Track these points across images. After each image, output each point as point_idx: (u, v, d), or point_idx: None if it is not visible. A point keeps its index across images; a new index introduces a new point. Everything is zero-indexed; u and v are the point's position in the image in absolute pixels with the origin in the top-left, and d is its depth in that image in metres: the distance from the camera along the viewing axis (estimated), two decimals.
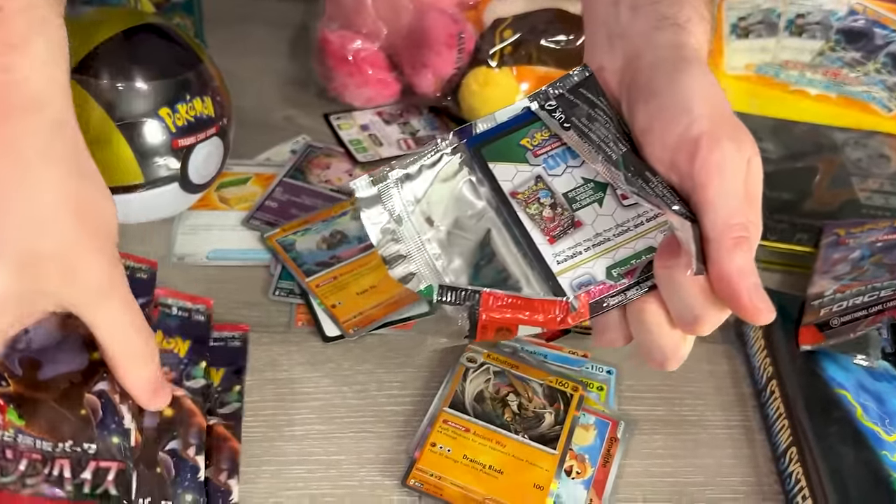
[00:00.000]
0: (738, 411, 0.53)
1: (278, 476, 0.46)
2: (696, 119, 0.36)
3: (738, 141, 0.37)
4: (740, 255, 0.35)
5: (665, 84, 0.38)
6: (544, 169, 0.40)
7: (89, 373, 0.43)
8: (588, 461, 0.48)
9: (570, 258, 0.39)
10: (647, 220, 0.40)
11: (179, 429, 0.45)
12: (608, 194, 0.40)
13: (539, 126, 0.41)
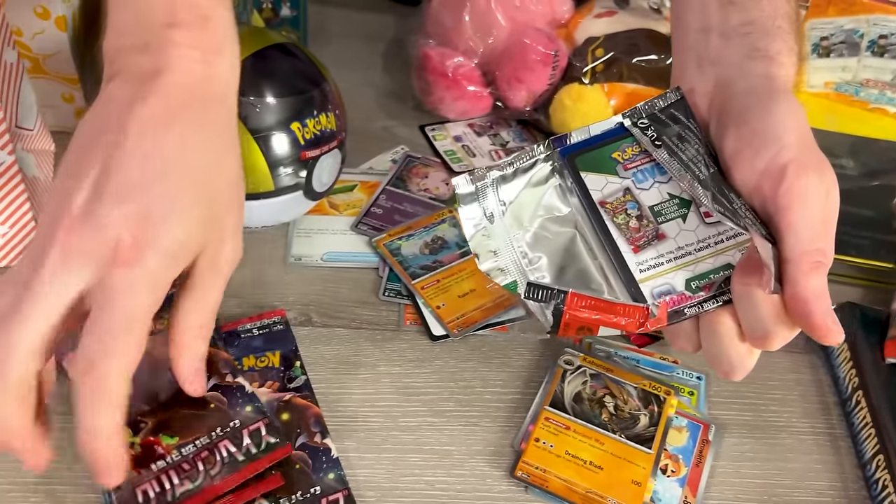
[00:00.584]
0: (823, 419, 0.55)
1: (396, 463, 0.50)
2: (785, 147, 0.38)
3: (822, 172, 0.39)
4: (817, 278, 0.37)
5: (757, 112, 0.40)
6: (633, 182, 0.43)
7: None
8: (682, 461, 0.52)
9: (653, 268, 0.41)
10: (727, 239, 0.42)
11: (301, 424, 0.50)
12: (692, 211, 0.42)
13: (630, 141, 0.44)
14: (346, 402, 0.52)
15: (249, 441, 0.47)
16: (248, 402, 0.49)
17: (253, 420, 0.48)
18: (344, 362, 0.55)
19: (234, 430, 0.47)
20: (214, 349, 0.51)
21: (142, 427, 0.47)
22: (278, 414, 0.50)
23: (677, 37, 0.48)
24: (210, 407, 0.48)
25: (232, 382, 0.49)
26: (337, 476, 0.48)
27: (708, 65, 0.44)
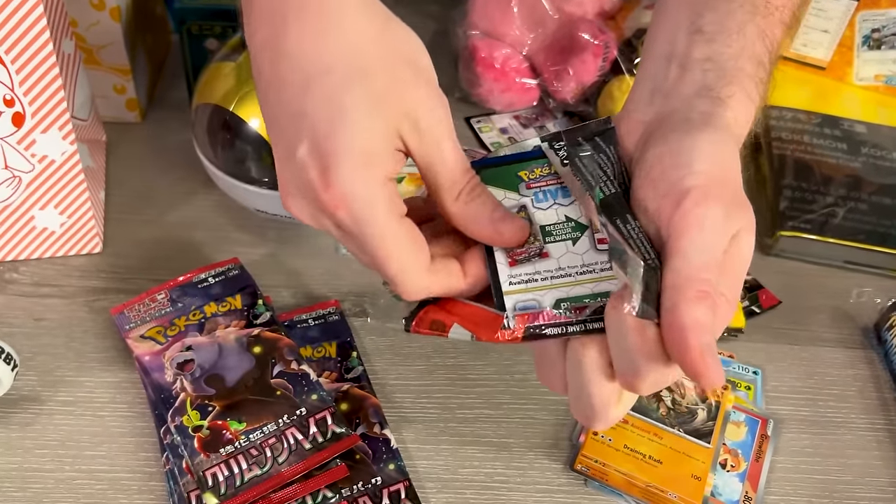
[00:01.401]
0: (882, 415, 0.55)
1: (455, 454, 0.50)
2: (693, 173, 0.35)
3: (730, 210, 0.35)
4: (700, 309, 0.32)
5: (678, 136, 0.37)
6: (531, 200, 0.41)
7: (261, 365, 0.50)
8: (741, 455, 0.51)
9: (524, 283, 0.39)
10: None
11: (359, 414, 0.50)
12: (585, 235, 0.40)
13: (542, 163, 0.42)
14: (403, 393, 0.52)
15: (316, 430, 0.47)
16: (314, 391, 0.49)
17: (319, 409, 0.48)
18: (399, 353, 0.55)
19: (300, 418, 0.47)
20: (278, 335, 0.51)
21: (210, 411, 0.47)
22: (337, 404, 0.50)
23: (642, 62, 0.44)
24: (277, 394, 0.48)
25: (297, 370, 0.50)
26: (397, 467, 0.48)
27: (659, 96, 0.40)
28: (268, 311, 0.53)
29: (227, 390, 0.49)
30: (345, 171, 0.35)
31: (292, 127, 0.37)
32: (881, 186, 0.70)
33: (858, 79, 0.81)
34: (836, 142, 0.74)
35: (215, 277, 0.55)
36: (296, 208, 0.39)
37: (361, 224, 0.36)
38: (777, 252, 0.65)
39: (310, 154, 0.36)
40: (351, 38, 0.36)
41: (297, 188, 0.37)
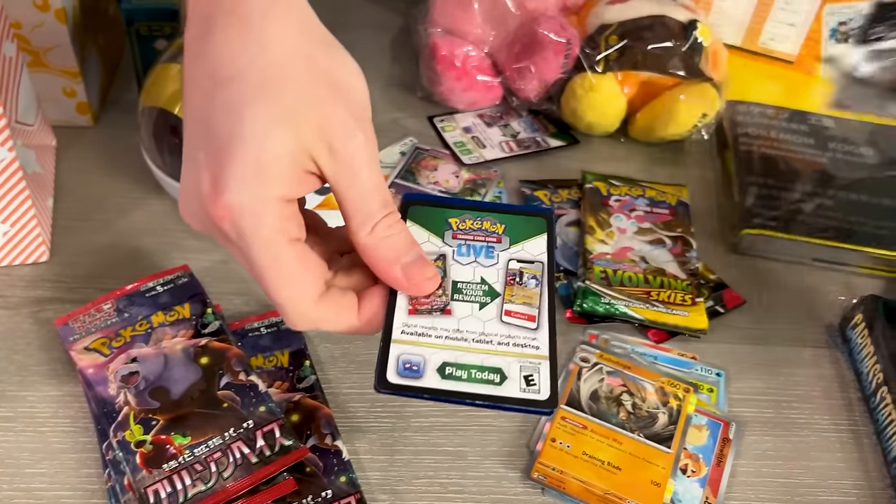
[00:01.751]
0: (847, 416, 0.54)
1: (409, 465, 0.48)
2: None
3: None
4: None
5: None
6: (453, 252, 0.40)
7: (208, 377, 0.48)
8: (702, 460, 0.50)
9: (417, 335, 0.37)
10: (514, 346, 0.37)
11: (311, 425, 0.48)
12: (493, 303, 0.38)
13: (476, 215, 0.41)
14: (358, 403, 0.51)
15: (263, 443, 0.46)
16: (262, 402, 0.47)
17: (267, 421, 0.46)
18: (354, 361, 0.53)
19: (247, 431, 0.46)
20: (226, 345, 0.50)
21: (153, 425, 0.46)
22: (288, 415, 0.49)
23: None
24: (223, 406, 0.47)
25: (245, 381, 0.48)
26: (349, 479, 0.46)
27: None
28: (217, 319, 0.52)
29: (171, 403, 0.47)
30: (234, 183, 0.34)
31: (195, 131, 0.35)
32: (849, 182, 0.69)
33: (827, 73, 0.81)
34: (804, 137, 0.73)
35: (164, 286, 0.54)
36: (188, 214, 0.37)
37: (245, 239, 0.35)
38: (743, 250, 0.64)
39: (205, 161, 0.34)
40: (272, 50, 0.34)
41: (191, 194, 0.36)
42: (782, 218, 0.64)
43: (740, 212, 0.65)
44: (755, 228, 0.63)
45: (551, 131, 0.74)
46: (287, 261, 0.35)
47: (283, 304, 0.36)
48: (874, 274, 0.64)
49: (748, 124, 0.73)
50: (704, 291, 0.60)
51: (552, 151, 0.72)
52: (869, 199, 0.68)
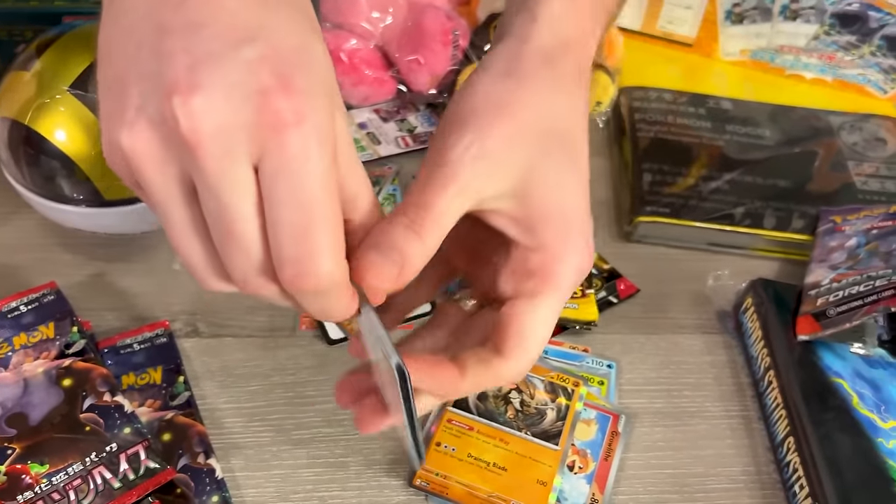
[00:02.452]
0: (737, 401, 0.54)
1: (287, 479, 0.47)
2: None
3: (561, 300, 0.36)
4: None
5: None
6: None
7: (71, 400, 0.46)
8: (590, 456, 0.49)
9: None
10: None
11: (183, 444, 0.46)
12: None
13: None
14: (235, 418, 0.49)
15: (127, 466, 0.44)
16: (128, 424, 0.45)
17: (132, 443, 0.45)
18: (232, 374, 0.51)
19: (110, 455, 0.44)
20: (91, 365, 0.48)
21: (9, 454, 0.44)
22: (159, 434, 0.47)
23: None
24: (86, 430, 0.45)
25: (110, 402, 0.46)
26: (221, 498, 0.45)
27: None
28: (83, 338, 0.49)
29: (29, 430, 0.45)
30: (312, 85, 0.27)
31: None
32: (745, 164, 0.69)
33: (725, 54, 0.81)
34: (702, 120, 0.73)
35: (28, 305, 0.51)
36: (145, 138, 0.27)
37: (313, 156, 0.27)
38: (638, 238, 0.64)
39: (263, 55, 0.27)
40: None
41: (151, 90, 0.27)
42: (676, 204, 0.64)
43: (634, 200, 0.65)
44: (649, 216, 0.63)
45: None
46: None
47: (324, 253, 0.28)
48: (770, 256, 0.64)
49: (646, 110, 0.73)
50: (597, 282, 0.59)
51: None
52: (764, 180, 0.68)
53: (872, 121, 0.76)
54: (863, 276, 0.54)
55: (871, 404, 0.50)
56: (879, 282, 0.53)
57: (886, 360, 0.53)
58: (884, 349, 0.53)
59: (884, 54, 0.77)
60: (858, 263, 0.56)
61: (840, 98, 0.78)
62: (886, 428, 0.49)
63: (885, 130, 0.75)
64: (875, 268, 0.55)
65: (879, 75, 0.78)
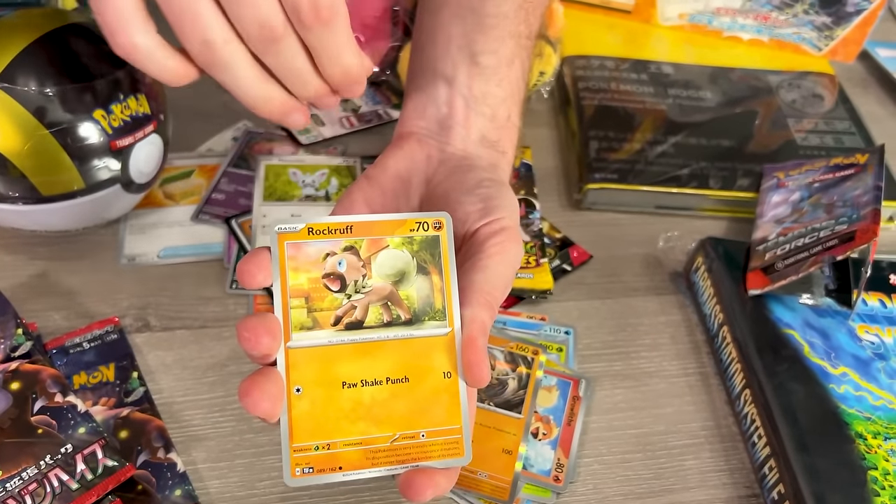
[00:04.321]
0: (694, 359, 0.55)
1: (252, 468, 0.46)
2: (508, 218, 0.41)
3: (520, 252, 0.41)
4: (486, 313, 0.38)
5: (495, 189, 0.42)
6: None
7: (20, 403, 0.45)
8: (553, 422, 0.50)
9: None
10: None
11: (141, 440, 0.46)
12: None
13: None
14: (193, 410, 0.48)
15: (84, 466, 0.43)
16: (82, 423, 0.44)
17: (88, 443, 0.43)
18: (188, 367, 0.50)
19: (65, 457, 0.43)
20: (39, 366, 0.46)
21: None
22: (116, 432, 0.46)
23: (417, 69, 0.48)
24: (38, 433, 0.44)
25: (62, 402, 0.45)
26: (185, 492, 0.44)
27: (445, 130, 0.45)
28: (29, 339, 0.48)
29: None
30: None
31: None
32: (688, 126, 0.70)
33: (664, 19, 0.81)
34: (644, 86, 0.74)
35: None
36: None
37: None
38: (588, 205, 0.64)
39: None
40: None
41: None
42: (624, 170, 0.65)
43: (582, 168, 0.65)
44: (597, 183, 0.63)
45: (394, 102, 0.72)
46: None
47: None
48: (717, 216, 0.65)
49: (589, 78, 0.73)
50: (551, 251, 0.60)
51: (395, 123, 0.70)
52: (708, 141, 0.69)
53: (809, 78, 0.77)
54: (807, 228, 0.56)
55: (822, 352, 0.51)
56: (823, 232, 0.54)
57: (834, 308, 0.54)
58: (831, 298, 0.54)
59: (816, 12, 0.78)
60: (803, 217, 0.58)
61: (777, 57, 0.80)
62: (837, 374, 0.50)
63: (822, 87, 0.77)
64: (819, 219, 0.56)
65: (813, 33, 0.79)
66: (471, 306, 0.37)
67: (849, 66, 0.82)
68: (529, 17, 0.48)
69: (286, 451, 0.35)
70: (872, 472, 0.45)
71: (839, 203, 0.57)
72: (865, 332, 0.53)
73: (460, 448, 0.37)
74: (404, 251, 0.37)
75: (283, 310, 0.36)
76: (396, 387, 0.36)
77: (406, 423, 0.36)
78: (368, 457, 0.35)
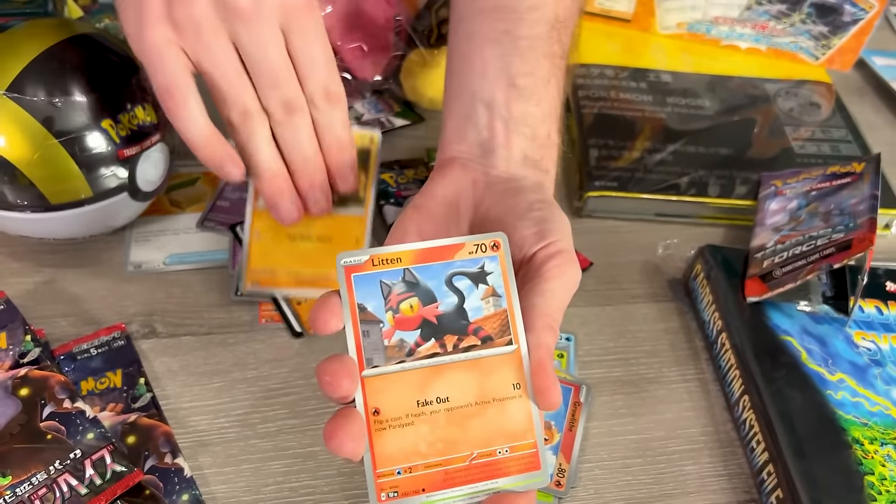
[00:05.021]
0: (693, 365, 0.55)
1: (257, 473, 0.47)
2: (563, 240, 0.42)
3: (578, 275, 0.41)
4: (551, 336, 0.38)
5: (548, 212, 0.43)
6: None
7: (29, 409, 0.45)
8: (555, 427, 0.51)
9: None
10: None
11: (148, 446, 0.46)
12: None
13: None
14: (199, 416, 0.49)
15: (93, 472, 0.43)
16: (91, 429, 0.45)
17: (96, 448, 0.44)
18: (194, 373, 0.51)
19: (74, 462, 0.43)
20: (48, 373, 0.47)
21: None
22: (123, 437, 0.47)
23: (454, 94, 0.48)
24: (47, 438, 0.44)
25: (71, 408, 0.46)
26: (192, 497, 0.45)
27: (489, 153, 0.45)
28: (38, 346, 0.48)
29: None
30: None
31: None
32: (687, 134, 0.71)
33: (663, 28, 0.82)
34: (643, 94, 0.75)
35: None
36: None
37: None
38: (588, 213, 0.65)
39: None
40: None
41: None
42: (623, 177, 0.65)
43: (582, 175, 0.66)
44: (597, 191, 0.64)
45: (396, 110, 0.73)
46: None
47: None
48: (715, 223, 0.66)
49: (589, 87, 0.74)
50: None
51: (397, 131, 0.71)
52: (707, 149, 0.69)
53: (806, 87, 0.78)
54: (805, 236, 0.56)
55: (819, 359, 0.52)
56: (821, 241, 0.55)
57: (831, 315, 0.55)
58: (828, 305, 0.55)
59: (813, 21, 0.79)
60: (800, 225, 0.59)
61: (774, 66, 0.81)
62: (834, 380, 0.51)
63: (819, 95, 0.78)
64: (816, 227, 0.57)
65: (810, 42, 0.80)
66: (535, 331, 0.38)
67: (845, 74, 0.83)
68: (562, 36, 0.48)
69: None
70: (869, 477, 0.46)
71: (836, 211, 0.58)
72: (862, 338, 0.54)
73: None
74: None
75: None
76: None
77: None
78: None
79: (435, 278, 0.37)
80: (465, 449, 0.36)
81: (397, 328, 0.36)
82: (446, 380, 0.36)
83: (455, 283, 0.37)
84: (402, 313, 0.37)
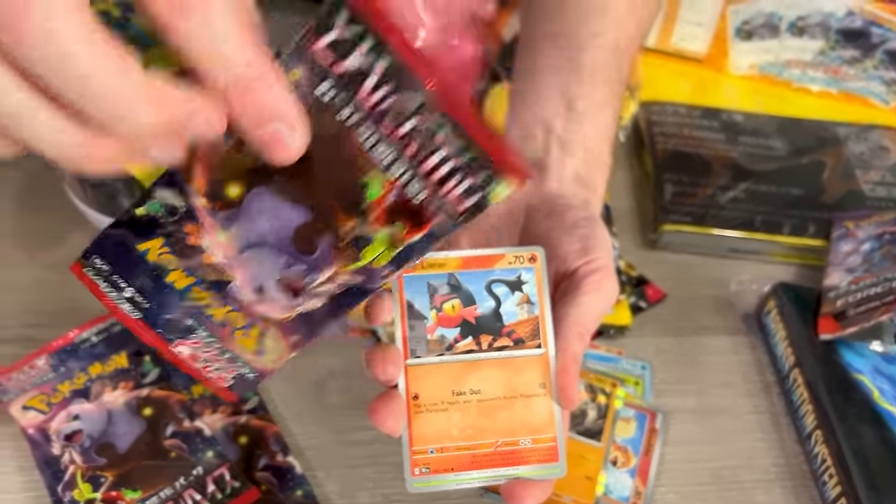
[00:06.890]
0: (764, 398, 0.57)
1: (351, 478, 0.50)
2: (604, 258, 0.43)
3: (615, 291, 0.43)
4: (580, 345, 0.41)
5: (590, 229, 0.45)
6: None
7: (153, 428, 0.49)
8: (631, 451, 0.53)
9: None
10: None
11: (260, 445, 0.49)
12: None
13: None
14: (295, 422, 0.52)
15: (214, 487, 0.47)
16: (209, 447, 0.48)
17: (216, 465, 0.47)
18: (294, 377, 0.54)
19: (197, 479, 0.47)
20: (167, 392, 0.50)
21: (102, 482, 0.46)
22: (235, 438, 0.50)
23: (517, 113, 0.51)
24: (171, 456, 0.48)
25: (190, 427, 0.49)
26: (305, 492, 0.48)
27: (544, 172, 0.48)
28: (157, 367, 0.52)
29: (119, 458, 0.48)
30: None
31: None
32: (759, 174, 0.73)
33: (735, 68, 0.85)
34: (716, 133, 0.77)
35: (98, 335, 0.54)
36: None
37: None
38: (662, 245, 0.67)
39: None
40: None
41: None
42: (698, 212, 0.68)
43: (658, 209, 0.68)
44: (672, 224, 0.67)
45: None
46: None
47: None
48: (787, 261, 0.68)
49: (663, 123, 0.77)
50: (627, 288, 0.63)
51: None
52: (778, 189, 0.71)
53: (876, 131, 0.80)
54: (879, 278, 0.58)
55: (891, 398, 0.54)
56: (895, 283, 0.57)
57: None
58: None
59: (886, 68, 0.81)
60: (873, 266, 0.60)
61: (845, 109, 0.82)
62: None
63: (889, 140, 0.79)
64: (890, 269, 0.58)
65: (882, 87, 0.82)
66: (566, 338, 0.41)
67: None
68: (622, 64, 0.52)
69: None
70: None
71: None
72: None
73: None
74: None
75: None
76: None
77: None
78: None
79: (476, 283, 0.41)
80: (492, 437, 0.40)
81: (439, 325, 0.40)
82: (479, 374, 0.41)
83: (493, 289, 0.41)
84: (445, 312, 0.40)
